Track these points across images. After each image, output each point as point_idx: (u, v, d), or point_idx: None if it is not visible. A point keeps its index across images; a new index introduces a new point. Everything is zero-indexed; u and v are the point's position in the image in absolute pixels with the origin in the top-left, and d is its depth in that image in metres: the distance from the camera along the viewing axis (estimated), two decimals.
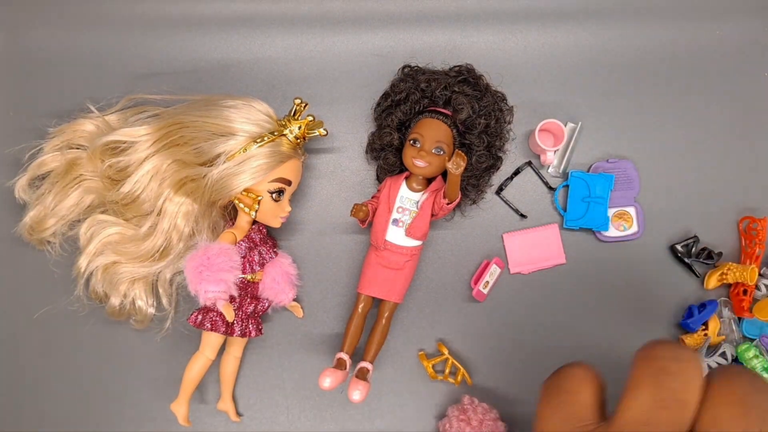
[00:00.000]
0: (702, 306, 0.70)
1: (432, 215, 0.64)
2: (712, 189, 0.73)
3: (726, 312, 0.70)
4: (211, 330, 0.62)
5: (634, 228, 0.72)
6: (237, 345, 0.67)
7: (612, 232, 0.72)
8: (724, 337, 0.70)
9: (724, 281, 0.70)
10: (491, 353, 0.70)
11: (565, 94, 0.74)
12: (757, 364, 0.68)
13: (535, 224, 0.72)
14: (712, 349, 0.69)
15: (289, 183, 0.63)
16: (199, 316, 0.62)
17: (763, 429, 0.24)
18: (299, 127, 0.63)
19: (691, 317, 0.69)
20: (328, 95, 0.72)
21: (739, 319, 0.71)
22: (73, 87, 0.71)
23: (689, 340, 0.70)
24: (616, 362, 0.73)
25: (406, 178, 0.66)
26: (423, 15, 0.74)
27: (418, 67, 0.69)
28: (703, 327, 0.70)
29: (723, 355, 0.68)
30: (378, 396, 0.70)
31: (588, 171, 0.73)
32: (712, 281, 0.71)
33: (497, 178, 0.72)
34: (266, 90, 0.72)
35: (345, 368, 0.62)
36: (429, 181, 0.66)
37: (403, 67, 0.69)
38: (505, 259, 0.72)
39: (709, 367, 0.67)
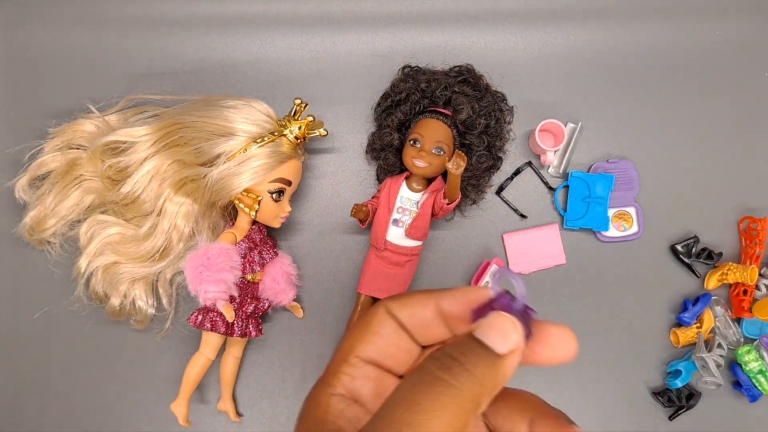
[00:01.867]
0: (696, 300, 0.70)
1: (432, 215, 0.64)
2: (712, 189, 0.73)
3: (719, 309, 0.70)
4: (211, 330, 0.62)
5: (634, 228, 0.72)
6: (237, 345, 0.67)
7: (612, 232, 0.72)
8: (712, 335, 0.70)
9: (725, 281, 0.70)
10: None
11: (565, 94, 0.74)
12: (755, 366, 0.68)
13: (535, 224, 0.72)
14: (709, 345, 0.69)
15: (289, 183, 0.63)
16: (199, 317, 0.62)
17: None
18: (299, 128, 0.63)
19: (685, 311, 0.70)
20: (328, 95, 0.72)
21: (739, 319, 0.71)
22: (73, 87, 0.71)
23: (683, 335, 0.70)
24: (617, 363, 0.73)
25: (406, 178, 0.66)
26: (423, 15, 0.74)
27: (418, 67, 0.69)
28: (698, 324, 0.70)
29: (720, 346, 0.68)
30: None
31: (588, 171, 0.73)
32: (713, 281, 0.71)
33: (497, 178, 0.72)
34: (266, 90, 0.72)
35: None
36: (429, 181, 0.66)
37: (404, 68, 0.69)
38: (505, 259, 0.72)
39: (714, 362, 0.67)
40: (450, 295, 0.27)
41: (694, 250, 0.71)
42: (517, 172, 0.73)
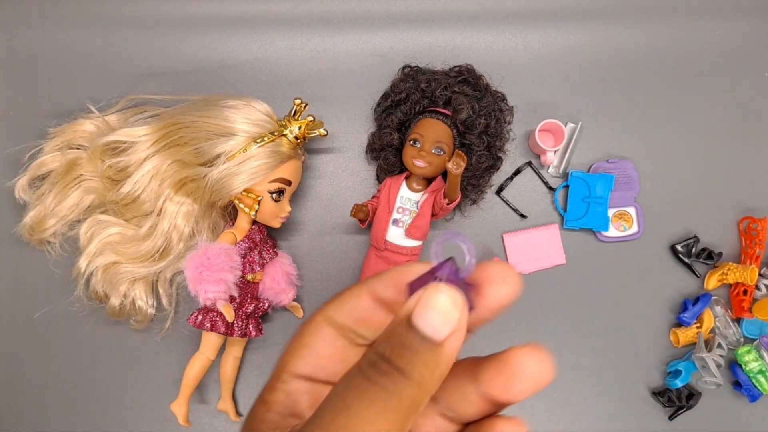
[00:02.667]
0: (696, 300, 0.70)
1: (432, 215, 0.64)
2: (712, 189, 0.73)
3: (719, 309, 0.70)
4: (211, 330, 0.62)
5: (634, 228, 0.72)
6: (237, 345, 0.67)
7: (612, 232, 0.72)
8: (712, 336, 0.70)
9: (725, 281, 0.70)
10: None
11: (565, 94, 0.74)
12: (755, 366, 0.68)
13: (535, 224, 0.72)
14: (709, 345, 0.69)
15: (289, 183, 0.63)
16: (199, 317, 0.62)
17: None
18: (299, 128, 0.63)
19: (686, 311, 0.70)
20: (328, 95, 0.72)
21: (739, 319, 0.71)
22: (73, 87, 0.71)
23: (683, 335, 0.70)
24: (617, 362, 0.73)
25: (406, 178, 0.66)
26: (423, 15, 0.74)
27: (418, 67, 0.69)
28: (698, 324, 0.70)
29: (720, 346, 0.68)
30: None
31: (588, 171, 0.73)
32: (713, 281, 0.71)
33: (497, 178, 0.72)
34: (266, 90, 0.72)
35: None
36: (429, 181, 0.66)
37: (404, 68, 0.69)
38: (505, 259, 0.72)
39: (714, 362, 0.67)
40: (381, 278, 0.24)
41: (694, 250, 0.71)
42: (517, 172, 0.73)
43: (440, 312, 0.20)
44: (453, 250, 0.22)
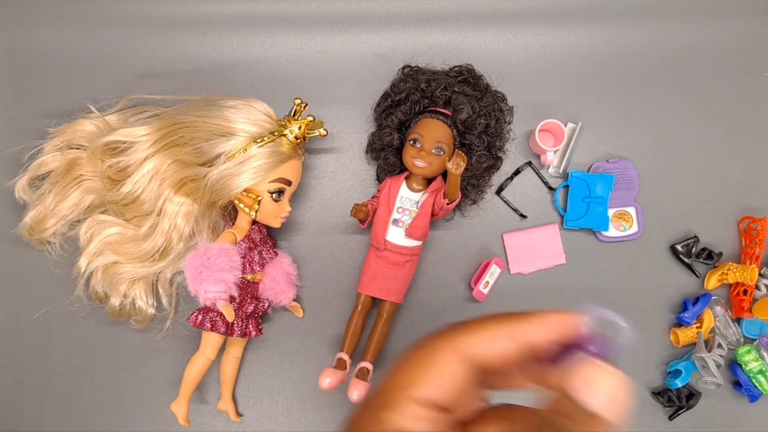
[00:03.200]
0: (696, 300, 0.70)
1: (432, 215, 0.64)
2: (712, 189, 0.73)
3: (719, 309, 0.70)
4: (211, 330, 0.62)
5: (634, 228, 0.72)
6: (237, 345, 0.67)
7: (612, 232, 0.72)
8: (712, 336, 0.70)
9: (725, 281, 0.70)
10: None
11: (565, 94, 0.74)
12: (755, 366, 0.68)
13: (535, 224, 0.72)
14: (709, 345, 0.69)
15: (289, 183, 0.63)
16: (199, 316, 0.62)
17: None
18: (299, 127, 0.63)
19: (686, 311, 0.70)
20: (328, 95, 0.72)
21: (739, 319, 0.71)
22: (73, 87, 0.71)
23: (683, 335, 0.70)
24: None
25: (406, 178, 0.66)
26: (423, 15, 0.74)
27: (418, 67, 0.69)
28: (698, 324, 0.70)
29: (720, 347, 0.68)
30: None
31: (588, 171, 0.73)
32: (712, 281, 0.71)
33: (497, 178, 0.72)
34: (266, 90, 0.72)
35: (345, 368, 0.62)
36: (429, 181, 0.66)
37: (404, 68, 0.69)
38: (505, 259, 0.72)
39: (714, 362, 0.67)
40: (538, 323, 0.24)
41: (694, 250, 0.71)
42: (517, 172, 0.73)
43: (607, 393, 0.22)
44: (605, 324, 0.24)
